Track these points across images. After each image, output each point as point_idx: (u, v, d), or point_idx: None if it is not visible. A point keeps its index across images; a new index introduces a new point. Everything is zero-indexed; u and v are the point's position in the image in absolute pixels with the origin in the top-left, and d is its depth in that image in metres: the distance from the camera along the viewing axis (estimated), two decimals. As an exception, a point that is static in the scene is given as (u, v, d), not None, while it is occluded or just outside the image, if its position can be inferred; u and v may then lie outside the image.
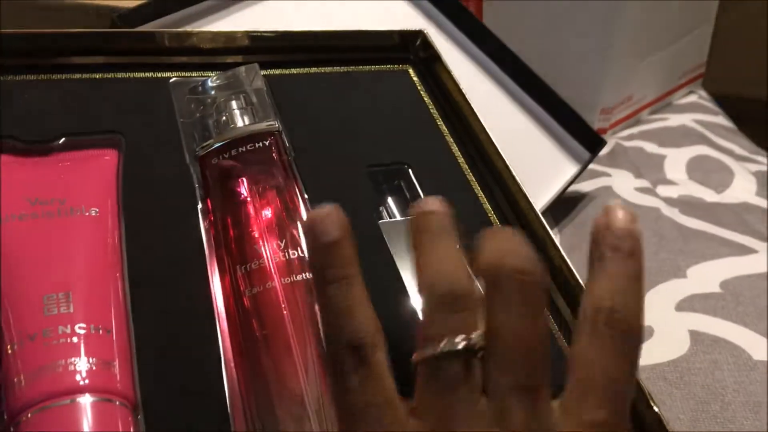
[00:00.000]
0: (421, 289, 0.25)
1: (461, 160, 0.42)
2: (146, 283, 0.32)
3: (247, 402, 0.31)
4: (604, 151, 0.69)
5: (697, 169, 0.67)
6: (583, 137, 0.57)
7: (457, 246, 0.26)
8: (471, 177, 0.42)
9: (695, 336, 0.49)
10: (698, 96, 0.81)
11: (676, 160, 0.68)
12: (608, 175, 0.65)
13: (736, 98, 0.85)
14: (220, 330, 0.32)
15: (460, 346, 0.23)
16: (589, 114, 0.71)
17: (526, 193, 0.40)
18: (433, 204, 0.27)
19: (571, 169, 0.56)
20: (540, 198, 0.54)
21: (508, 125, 0.56)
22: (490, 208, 0.41)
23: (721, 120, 0.77)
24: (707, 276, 0.53)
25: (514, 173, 0.41)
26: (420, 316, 0.26)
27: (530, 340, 0.23)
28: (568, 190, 0.57)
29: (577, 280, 0.37)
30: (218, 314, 0.32)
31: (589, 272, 0.26)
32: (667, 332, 0.49)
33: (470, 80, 0.55)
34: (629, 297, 0.25)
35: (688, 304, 0.51)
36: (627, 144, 0.71)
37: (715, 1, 0.77)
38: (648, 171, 0.66)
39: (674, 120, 0.75)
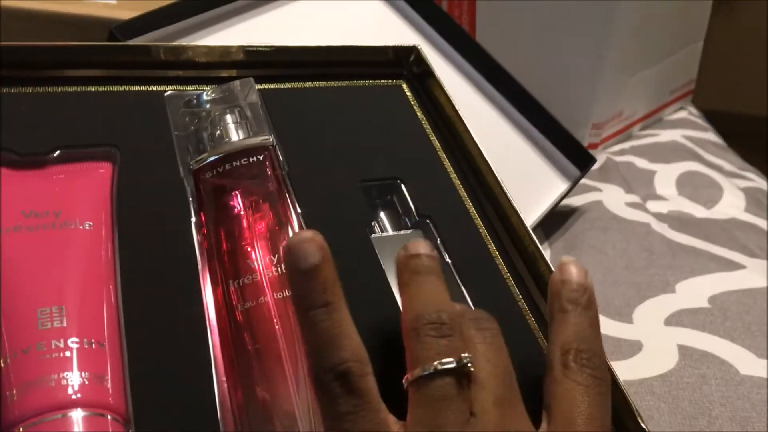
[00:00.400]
0: (409, 320, 0.27)
1: (453, 175, 0.43)
2: (139, 296, 0.32)
3: (238, 417, 0.31)
4: (595, 166, 0.70)
5: (687, 184, 0.68)
6: (574, 154, 0.57)
7: (443, 284, 0.29)
8: (463, 192, 0.42)
9: (683, 350, 0.49)
10: (688, 112, 0.82)
11: (666, 176, 0.69)
12: (599, 189, 0.66)
13: (725, 114, 0.86)
14: (212, 343, 0.32)
15: (452, 365, 0.24)
16: (581, 129, 0.71)
17: (517, 209, 0.40)
18: (421, 247, 0.30)
19: (561, 185, 0.57)
20: (530, 213, 0.54)
21: (499, 141, 0.56)
22: (482, 224, 0.41)
23: (711, 136, 0.78)
24: (696, 291, 0.54)
25: (505, 189, 0.41)
26: (407, 343, 0.27)
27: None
28: (559, 204, 0.58)
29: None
30: (210, 328, 0.33)
31: (552, 323, 0.31)
32: (655, 347, 0.49)
33: (462, 96, 0.56)
34: (592, 341, 0.29)
35: (676, 319, 0.52)
36: (618, 159, 0.72)
37: (705, 19, 0.78)
38: (638, 186, 0.67)
39: (664, 136, 0.76)
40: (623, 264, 0.57)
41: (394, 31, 0.58)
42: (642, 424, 0.33)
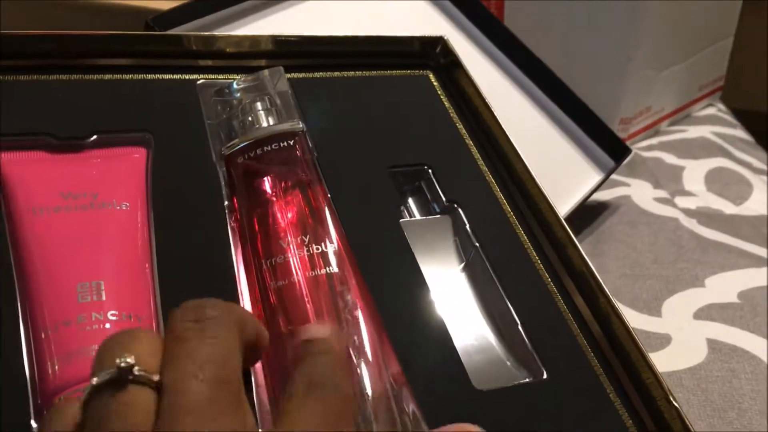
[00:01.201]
0: None
1: (481, 162, 0.43)
2: (174, 278, 0.33)
3: (273, 394, 0.31)
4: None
5: (716, 181, 0.67)
6: (608, 145, 0.57)
7: None
8: (490, 179, 0.42)
9: (713, 344, 0.49)
10: (717, 109, 0.81)
11: (695, 172, 0.68)
12: (627, 185, 0.65)
13: (753, 113, 0.85)
14: None
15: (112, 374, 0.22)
16: (609, 123, 0.71)
17: (547, 195, 0.40)
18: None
19: (594, 177, 0.56)
20: (562, 205, 0.54)
21: (532, 131, 0.56)
22: (510, 210, 0.41)
23: (740, 133, 0.77)
24: (725, 286, 0.53)
25: (534, 176, 0.41)
26: None
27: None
28: (588, 199, 0.57)
29: (599, 284, 0.37)
30: (243, 302, 0.33)
31: None
32: (684, 340, 0.49)
33: (494, 84, 0.56)
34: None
35: (706, 313, 0.51)
36: (646, 154, 0.71)
37: (735, 14, 0.77)
38: (666, 182, 0.66)
39: (693, 132, 0.75)
40: (652, 258, 0.56)
41: (425, 17, 0.58)
42: (674, 403, 0.33)
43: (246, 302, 0.33)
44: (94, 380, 0.21)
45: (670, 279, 0.54)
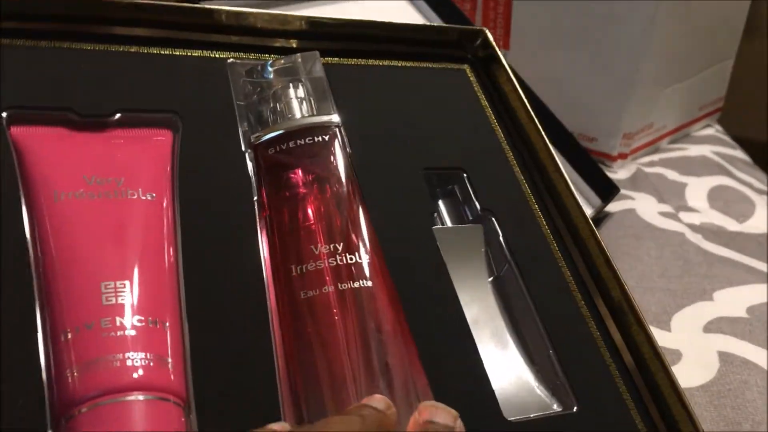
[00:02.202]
0: None
1: (516, 168, 0.41)
2: (200, 276, 0.31)
3: (298, 404, 0.29)
4: (626, 175, 0.70)
5: (718, 198, 0.68)
6: (598, 183, 0.58)
7: None
8: (525, 187, 0.41)
9: (724, 357, 0.49)
10: (715, 130, 0.82)
11: (697, 189, 0.69)
12: (632, 198, 0.65)
13: (750, 141, 0.86)
14: (273, 328, 0.31)
15: None
16: (612, 137, 0.71)
17: (582, 208, 0.39)
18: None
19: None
20: None
21: None
22: (545, 222, 0.40)
23: (740, 154, 0.78)
24: (734, 301, 0.53)
25: (570, 186, 0.40)
26: None
27: None
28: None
29: (635, 310, 0.37)
30: (272, 311, 0.31)
31: None
32: (695, 354, 0.49)
33: None
34: None
35: (716, 326, 0.51)
36: (648, 170, 0.71)
37: (737, 36, 0.78)
38: (670, 197, 0.66)
39: (693, 150, 0.76)
40: (659, 271, 0.56)
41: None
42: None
43: (273, 303, 0.32)
44: None
45: (677, 293, 0.54)
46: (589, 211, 0.57)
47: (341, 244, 0.32)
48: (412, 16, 0.63)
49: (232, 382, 0.29)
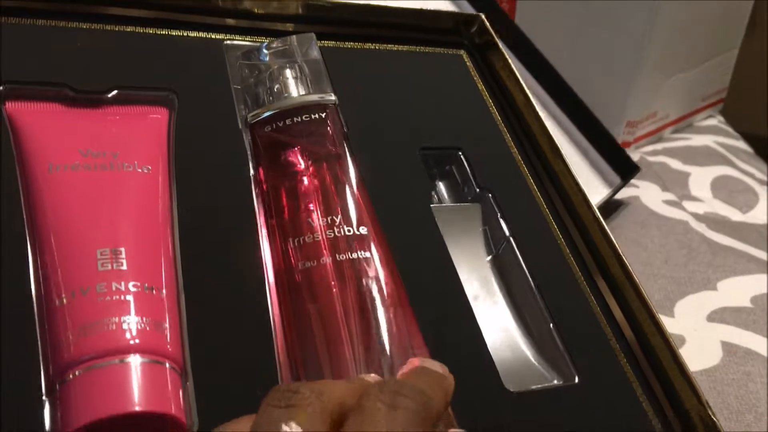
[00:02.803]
0: None
1: (514, 150, 0.41)
2: (196, 246, 0.30)
3: (296, 371, 0.29)
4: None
5: (722, 188, 0.67)
6: (617, 161, 0.56)
7: None
8: (523, 168, 0.41)
9: (727, 347, 0.48)
10: (718, 120, 0.81)
11: (701, 178, 0.68)
12: (636, 186, 0.65)
13: (751, 135, 0.85)
14: (270, 299, 0.31)
15: None
16: (616, 125, 0.70)
17: (584, 191, 0.39)
18: None
19: (601, 191, 0.55)
20: None
21: None
22: (542, 201, 0.39)
23: (742, 144, 0.78)
24: (738, 290, 0.53)
25: (572, 170, 0.39)
26: None
27: None
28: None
29: (636, 286, 0.36)
30: (268, 283, 0.31)
31: None
32: (699, 341, 0.48)
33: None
34: None
35: (719, 316, 0.51)
36: (651, 159, 0.71)
37: (742, 26, 0.77)
38: (673, 186, 0.66)
39: (697, 140, 0.75)
40: (662, 259, 0.56)
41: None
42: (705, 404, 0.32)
43: (270, 275, 0.31)
44: None
45: (681, 281, 0.54)
46: (606, 191, 0.55)
47: (338, 216, 0.32)
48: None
49: (229, 351, 0.29)
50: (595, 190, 0.56)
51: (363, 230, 0.32)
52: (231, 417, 0.25)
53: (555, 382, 0.34)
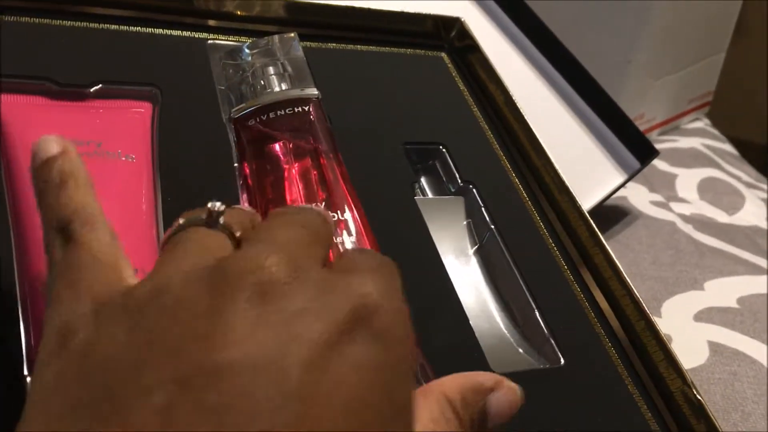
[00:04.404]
0: None
1: (496, 146, 0.42)
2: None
3: None
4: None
5: (708, 190, 0.67)
6: (635, 144, 0.53)
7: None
8: (505, 162, 0.41)
9: (714, 347, 0.48)
10: (704, 123, 0.82)
11: (688, 180, 0.68)
12: (623, 187, 0.65)
13: (735, 140, 0.85)
14: None
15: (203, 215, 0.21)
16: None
17: (567, 185, 0.39)
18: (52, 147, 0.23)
19: (617, 177, 0.53)
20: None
21: (554, 123, 0.53)
22: (525, 194, 0.40)
23: (728, 147, 0.78)
24: (724, 291, 0.53)
25: (554, 163, 0.40)
26: None
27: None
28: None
29: (619, 271, 0.37)
30: None
31: None
32: (686, 341, 0.48)
33: (516, 72, 0.53)
34: None
35: (706, 316, 0.50)
36: (638, 161, 0.71)
37: (729, 30, 0.78)
38: (660, 187, 0.66)
39: (684, 142, 0.75)
40: (650, 259, 0.56)
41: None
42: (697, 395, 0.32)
43: None
44: (181, 220, 0.21)
45: (669, 281, 0.54)
46: (622, 177, 0.53)
47: (322, 203, 0.32)
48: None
49: None
50: (612, 174, 0.53)
51: (346, 216, 0.32)
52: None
53: (541, 366, 0.34)
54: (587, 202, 0.51)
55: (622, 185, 0.53)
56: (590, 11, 0.68)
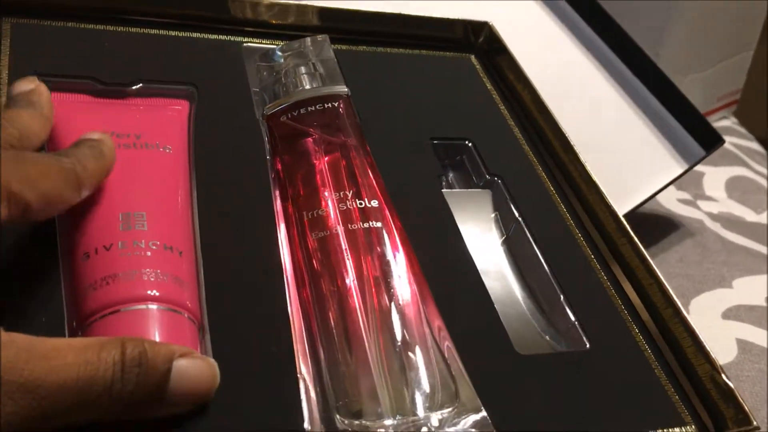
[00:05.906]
0: None
1: (524, 143, 0.42)
2: (214, 227, 0.32)
3: (310, 342, 0.30)
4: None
5: (736, 188, 0.67)
6: (698, 131, 0.51)
7: None
8: (533, 158, 0.42)
9: (742, 345, 0.48)
10: (731, 121, 0.81)
11: (715, 178, 0.68)
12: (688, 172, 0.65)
13: (763, 139, 0.85)
14: (285, 273, 0.32)
15: None
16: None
17: (595, 179, 0.40)
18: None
19: (675, 168, 0.51)
20: (636, 194, 0.50)
21: (609, 109, 0.53)
22: (552, 188, 0.41)
23: (755, 146, 0.78)
24: (753, 289, 0.53)
25: (582, 159, 0.40)
26: None
27: None
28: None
29: (646, 260, 0.37)
30: (282, 251, 0.32)
31: None
32: (714, 338, 0.48)
33: (571, 59, 0.53)
34: None
35: (734, 314, 0.51)
36: (665, 160, 0.71)
37: (758, 27, 0.77)
38: (688, 185, 0.66)
39: (711, 141, 0.75)
40: (677, 257, 0.56)
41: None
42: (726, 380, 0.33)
43: (284, 254, 0.32)
44: None
45: (696, 278, 0.54)
46: (682, 167, 0.51)
47: (350, 191, 0.33)
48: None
49: (246, 312, 0.30)
50: (673, 163, 0.52)
51: (374, 203, 0.33)
52: (246, 373, 0.27)
53: (566, 350, 0.34)
54: (646, 191, 0.50)
55: (686, 172, 0.51)
56: (616, 11, 0.68)
